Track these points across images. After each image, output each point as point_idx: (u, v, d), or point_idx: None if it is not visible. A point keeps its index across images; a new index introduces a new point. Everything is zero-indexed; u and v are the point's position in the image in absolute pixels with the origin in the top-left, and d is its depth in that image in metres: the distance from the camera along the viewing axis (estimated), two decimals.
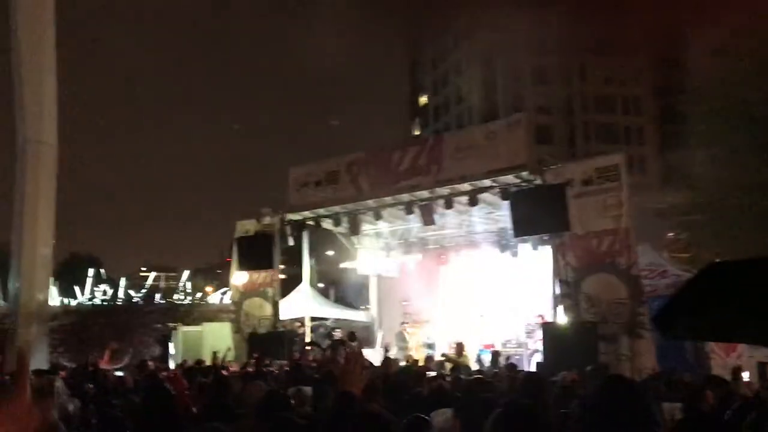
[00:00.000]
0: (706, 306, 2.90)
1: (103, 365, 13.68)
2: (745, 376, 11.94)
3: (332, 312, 21.48)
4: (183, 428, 4.49)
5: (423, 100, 70.30)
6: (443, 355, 14.19)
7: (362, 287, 21.35)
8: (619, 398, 2.84)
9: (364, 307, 22.13)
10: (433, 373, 9.93)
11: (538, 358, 13.70)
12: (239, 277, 18.10)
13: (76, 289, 36.52)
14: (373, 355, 15.74)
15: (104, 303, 31.25)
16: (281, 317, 17.70)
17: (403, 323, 18.29)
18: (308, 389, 6.44)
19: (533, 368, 12.75)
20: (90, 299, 34.49)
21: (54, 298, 28.68)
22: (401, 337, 17.82)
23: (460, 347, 13.81)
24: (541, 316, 15.05)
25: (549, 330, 12.55)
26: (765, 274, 2.59)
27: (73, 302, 33.76)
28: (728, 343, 13.20)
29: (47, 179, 17.97)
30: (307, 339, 17.75)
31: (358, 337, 17.00)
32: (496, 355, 12.42)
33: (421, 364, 12.45)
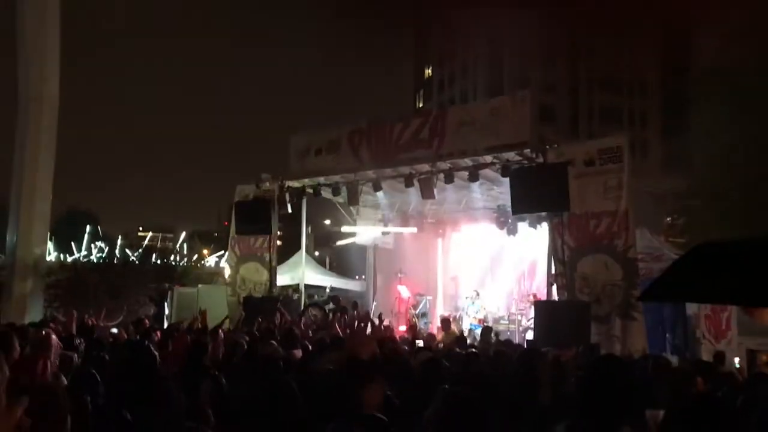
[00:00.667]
0: (691, 274, 2.94)
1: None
2: (735, 362, 12.08)
3: (328, 280, 21.60)
4: (158, 388, 4.55)
5: (428, 72, 69.81)
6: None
7: (358, 257, 21.43)
8: (613, 377, 2.87)
9: (359, 277, 22.25)
10: (421, 343, 10.03)
11: (530, 335, 13.80)
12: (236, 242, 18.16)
13: (73, 245, 36.56)
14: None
15: (100, 260, 31.35)
16: (277, 283, 17.79)
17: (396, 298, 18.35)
18: (298, 351, 6.52)
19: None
20: (86, 256, 34.58)
21: (51, 254, 28.74)
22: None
23: (446, 323, 13.86)
24: (533, 294, 15.14)
25: (542, 308, 12.62)
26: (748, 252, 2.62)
27: (70, 258, 33.86)
28: (719, 330, 13.34)
29: (47, 134, 17.91)
30: (302, 306, 17.85)
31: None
32: (487, 330, 12.49)
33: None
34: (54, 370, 4.44)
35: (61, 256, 33.98)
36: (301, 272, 18.77)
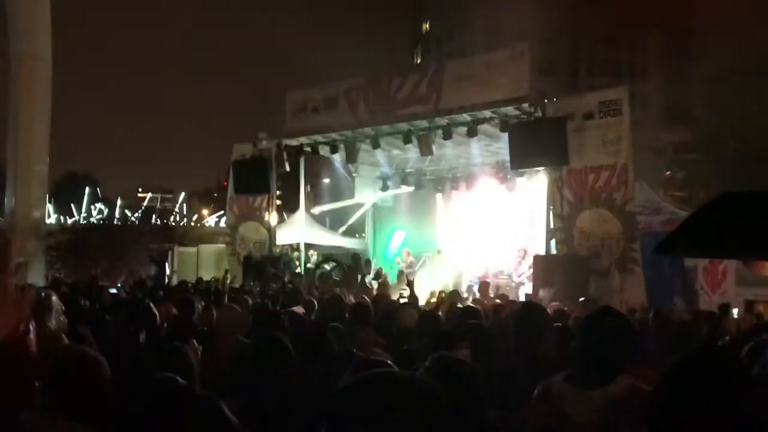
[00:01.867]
0: (713, 226, 2.92)
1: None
2: (734, 312, 12.17)
3: (327, 239, 21.59)
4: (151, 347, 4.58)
5: (426, 27, 68.84)
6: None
7: (359, 215, 21.41)
8: (609, 329, 2.87)
9: (359, 235, 22.26)
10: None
11: (527, 289, 13.85)
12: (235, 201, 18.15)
13: (73, 207, 36.57)
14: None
15: (100, 222, 31.43)
16: (277, 242, 17.83)
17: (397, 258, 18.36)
18: (299, 308, 6.54)
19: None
20: (86, 218, 34.65)
21: (50, 216, 28.76)
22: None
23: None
24: (524, 249, 15.14)
25: (541, 262, 12.66)
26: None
27: (70, 220, 33.92)
28: (715, 280, 13.42)
29: (42, 95, 17.72)
30: (301, 263, 17.92)
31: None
32: (485, 285, 12.54)
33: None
34: (51, 331, 4.45)
35: (61, 218, 34.06)
36: (300, 231, 18.77)
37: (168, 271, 20.30)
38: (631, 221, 12.00)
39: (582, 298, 9.11)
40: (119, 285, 15.22)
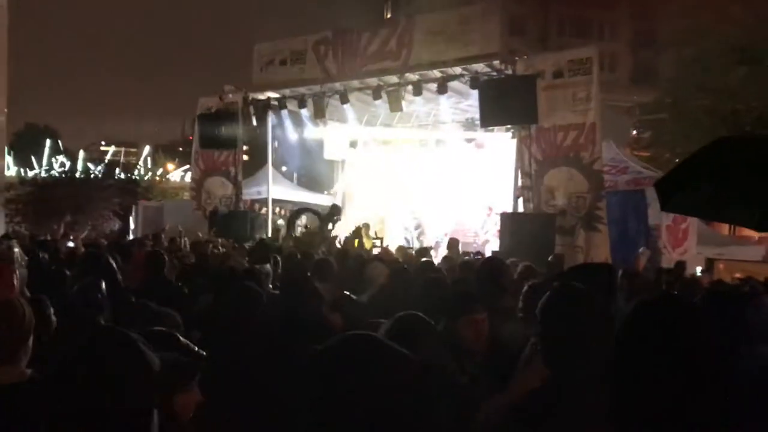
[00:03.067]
0: (706, 183, 2.93)
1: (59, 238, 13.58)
2: (697, 270, 12.46)
3: (295, 195, 21.49)
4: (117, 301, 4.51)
5: None
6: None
7: (326, 171, 21.30)
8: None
9: (327, 192, 22.17)
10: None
11: (494, 247, 13.98)
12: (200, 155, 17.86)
13: (33, 159, 35.74)
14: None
15: (62, 175, 30.77)
16: (243, 197, 17.66)
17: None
18: (267, 266, 6.48)
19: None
20: (47, 170, 33.92)
21: (9, 168, 28.06)
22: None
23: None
24: (490, 208, 15.26)
25: (507, 220, 12.74)
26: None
27: (30, 173, 33.16)
28: (676, 239, 13.70)
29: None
30: (269, 220, 17.79)
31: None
32: (454, 242, 12.61)
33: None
34: (13, 282, 4.35)
35: (21, 171, 33.27)
36: (267, 186, 18.61)
37: (132, 226, 20.02)
38: (598, 180, 12.11)
39: (550, 257, 9.20)
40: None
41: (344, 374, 1.66)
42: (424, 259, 8.54)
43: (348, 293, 4.90)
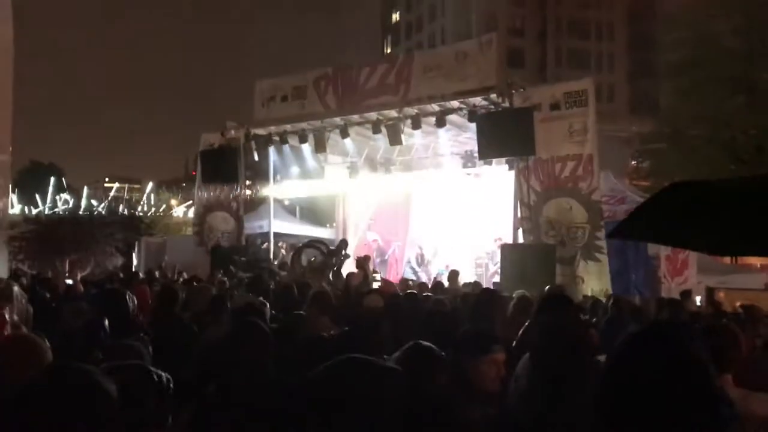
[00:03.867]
0: (664, 215, 3.00)
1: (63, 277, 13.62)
2: (697, 300, 12.44)
3: (297, 228, 21.54)
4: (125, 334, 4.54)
5: (395, 17, 68.70)
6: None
7: (328, 205, 21.39)
8: (561, 317, 2.95)
9: (330, 225, 22.23)
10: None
11: (497, 279, 14.00)
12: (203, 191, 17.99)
13: (38, 197, 35.91)
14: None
15: (66, 212, 30.92)
16: (245, 232, 17.73)
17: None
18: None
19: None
20: (51, 208, 34.05)
21: (13, 206, 28.22)
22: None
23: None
24: (499, 238, 15.30)
25: (508, 251, 12.79)
26: (722, 193, 2.67)
27: (34, 211, 33.31)
28: (676, 268, 13.70)
29: (2, 80, 17.32)
30: (271, 254, 17.83)
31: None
32: (454, 274, 12.64)
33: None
34: (11, 321, 4.39)
35: (26, 209, 33.43)
36: (269, 221, 18.69)
37: (135, 262, 20.08)
38: (597, 210, 12.18)
39: (548, 286, 9.22)
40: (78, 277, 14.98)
41: (338, 398, 1.71)
42: (424, 293, 8.55)
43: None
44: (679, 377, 1.66)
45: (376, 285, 10.46)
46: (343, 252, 15.69)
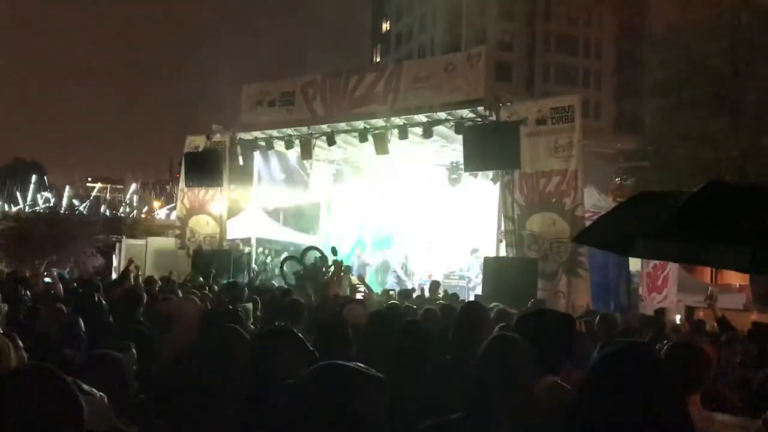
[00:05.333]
0: (629, 225, 3.00)
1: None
2: (677, 319, 12.48)
3: (281, 234, 21.41)
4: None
5: (386, 26, 68.94)
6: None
7: (312, 211, 21.29)
8: (539, 330, 2.94)
9: (312, 232, 22.13)
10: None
11: (479, 291, 14.00)
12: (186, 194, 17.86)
13: (18, 195, 35.56)
14: None
15: (47, 211, 30.61)
16: (228, 236, 17.61)
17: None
18: (249, 305, 6.49)
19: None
20: (32, 206, 33.71)
21: None
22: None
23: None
24: (477, 249, 15.32)
25: (490, 264, 12.80)
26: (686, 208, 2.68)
27: (14, 208, 32.96)
28: (655, 285, 13.77)
29: None
30: (253, 259, 17.73)
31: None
32: (435, 285, 12.63)
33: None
34: None
35: (6, 206, 33.07)
36: (252, 225, 18.58)
37: (115, 263, 19.88)
38: (580, 226, 12.17)
39: (531, 300, 9.24)
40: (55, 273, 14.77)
41: (319, 402, 1.72)
42: (401, 303, 8.52)
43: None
44: (649, 396, 1.67)
45: (359, 296, 10.44)
46: (335, 258, 15.65)
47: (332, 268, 14.75)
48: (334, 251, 15.50)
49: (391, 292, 12.95)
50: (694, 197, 2.92)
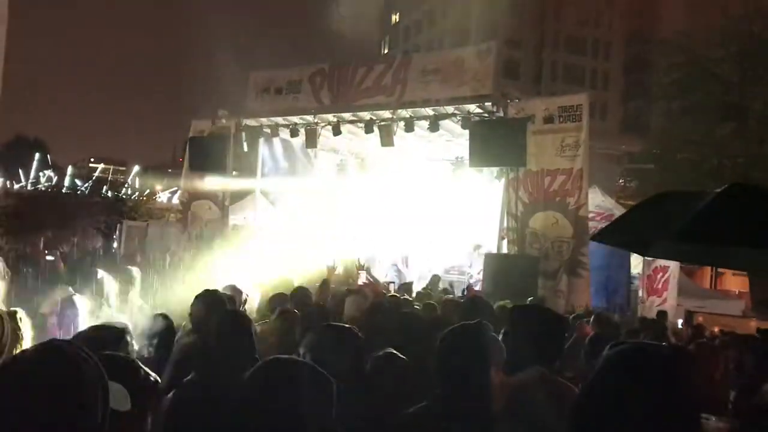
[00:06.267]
0: (645, 224, 2.99)
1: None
2: (679, 323, 12.50)
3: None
4: None
5: (395, 18, 68.74)
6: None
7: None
8: (531, 323, 2.95)
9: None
10: None
11: (478, 287, 13.98)
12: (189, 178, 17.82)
13: (21, 172, 35.54)
14: None
15: (49, 189, 30.59)
16: (229, 222, 17.60)
17: None
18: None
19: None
20: (34, 184, 33.69)
21: None
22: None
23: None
24: (479, 245, 15.28)
25: (491, 260, 12.78)
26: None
27: (16, 186, 32.94)
28: (654, 289, 13.77)
29: None
30: None
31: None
32: (435, 279, 12.63)
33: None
34: None
35: (8, 183, 33.05)
36: (254, 212, 18.56)
37: (115, 244, 19.88)
38: (583, 226, 12.20)
39: (531, 298, 9.23)
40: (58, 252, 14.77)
41: (269, 396, 1.78)
42: (401, 295, 8.50)
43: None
44: (663, 396, 1.64)
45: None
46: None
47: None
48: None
49: (390, 284, 12.94)
50: (717, 199, 2.90)
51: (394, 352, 3.24)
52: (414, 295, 9.93)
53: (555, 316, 3.43)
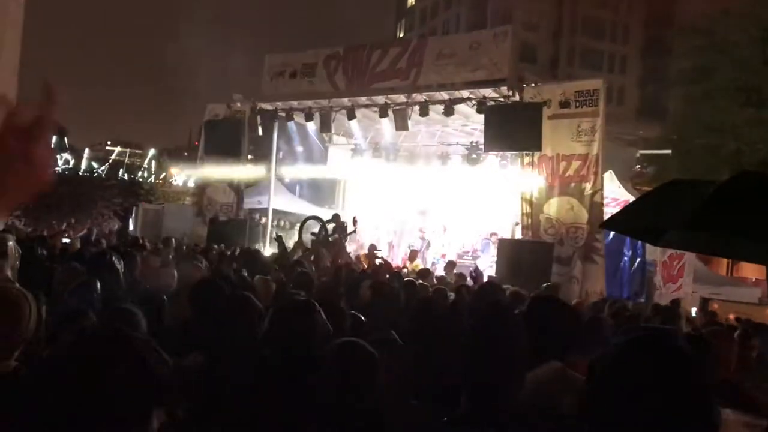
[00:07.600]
0: (656, 212, 2.96)
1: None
2: (693, 311, 12.41)
3: (297, 206, 21.44)
4: None
5: (411, 1, 68.23)
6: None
7: (329, 185, 21.28)
8: (545, 317, 2.94)
9: (329, 207, 22.13)
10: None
11: (492, 272, 13.95)
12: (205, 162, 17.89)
13: None
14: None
15: (66, 172, 30.85)
16: (244, 206, 17.66)
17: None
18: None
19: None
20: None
21: None
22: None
23: (413, 254, 13.91)
24: (494, 233, 15.22)
25: (505, 245, 12.75)
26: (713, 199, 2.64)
27: None
28: (671, 276, 13.68)
29: (13, 30, 17.19)
30: (269, 230, 17.77)
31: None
32: (450, 265, 12.60)
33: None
34: (4, 275, 4.35)
35: None
36: (268, 196, 18.60)
37: (131, 227, 20.03)
38: (598, 212, 12.12)
39: (545, 284, 9.20)
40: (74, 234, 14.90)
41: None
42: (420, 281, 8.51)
43: None
44: (677, 383, 1.62)
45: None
46: (348, 227, 15.70)
47: (336, 235, 14.82)
48: (336, 218, 15.52)
49: (404, 269, 12.94)
50: (726, 187, 2.86)
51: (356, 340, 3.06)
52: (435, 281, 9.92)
53: (571, 309, 3.40)
